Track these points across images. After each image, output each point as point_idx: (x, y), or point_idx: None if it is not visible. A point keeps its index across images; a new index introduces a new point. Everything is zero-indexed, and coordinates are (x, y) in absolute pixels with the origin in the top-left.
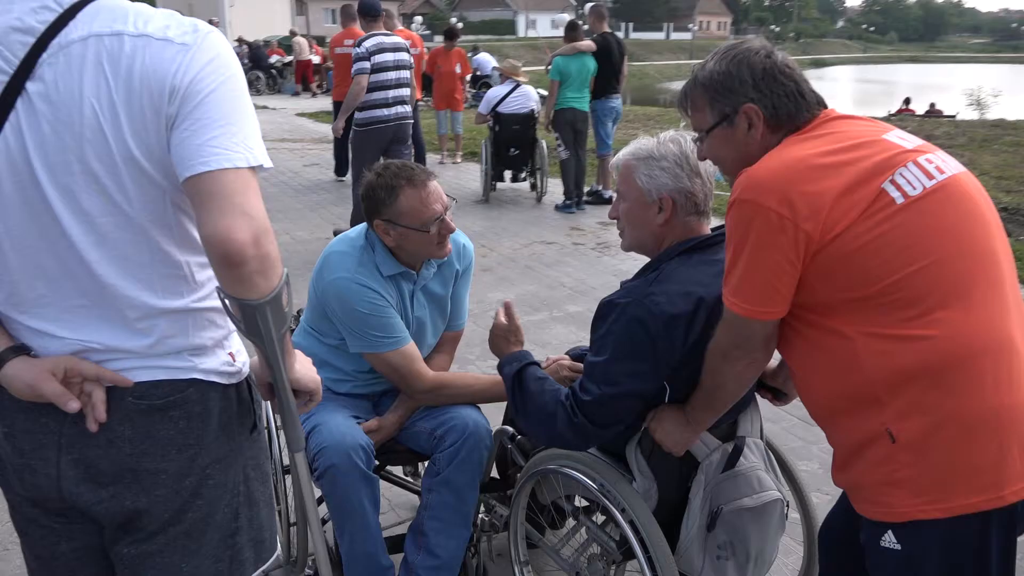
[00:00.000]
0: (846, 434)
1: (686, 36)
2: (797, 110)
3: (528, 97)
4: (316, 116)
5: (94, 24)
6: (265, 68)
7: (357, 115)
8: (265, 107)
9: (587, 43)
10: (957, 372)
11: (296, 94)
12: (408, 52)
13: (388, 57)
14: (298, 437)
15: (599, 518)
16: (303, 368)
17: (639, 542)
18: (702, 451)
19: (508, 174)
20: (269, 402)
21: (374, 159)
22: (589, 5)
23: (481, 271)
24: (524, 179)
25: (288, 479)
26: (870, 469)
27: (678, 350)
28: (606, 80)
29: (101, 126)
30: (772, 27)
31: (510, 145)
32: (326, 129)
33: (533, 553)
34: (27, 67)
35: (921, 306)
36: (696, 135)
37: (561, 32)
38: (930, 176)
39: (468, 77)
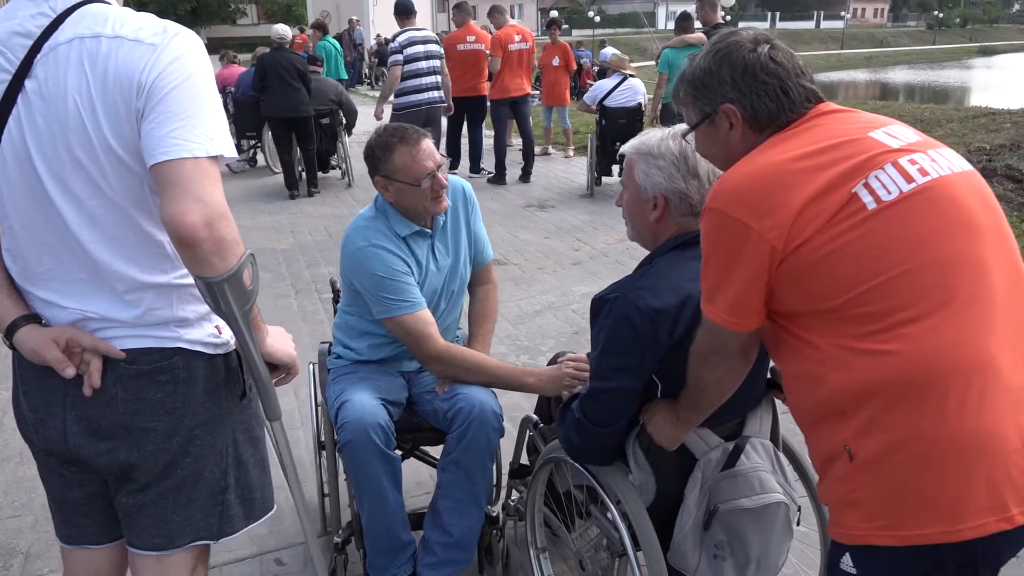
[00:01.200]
0: (816, 446)
1: (838, 25)
2: (779, 109)
3: (635, 91)
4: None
5: (79, 27)
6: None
7: (395, 101)
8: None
9: (697, 36)
10: (919, 392)
11: None
12: (438, 44)
13: (419, 49)
14: (273, 406)
15: (612, 511)
16: (276, 343)
17: (630, 535)
18: (700, 448)
19: (616, 168)
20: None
21: None
22: None
23: (571, 264)
24: None
25: (324, 454)
26: (832, 486)
27: (663, 344)
28: None
29: (82, 118)
30: (935, 12)
31: (616, 139)
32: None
33: (557, 542)
34: (25, 67)
35: (888, 319)
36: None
37: (699, 24)
38: (909, 179)
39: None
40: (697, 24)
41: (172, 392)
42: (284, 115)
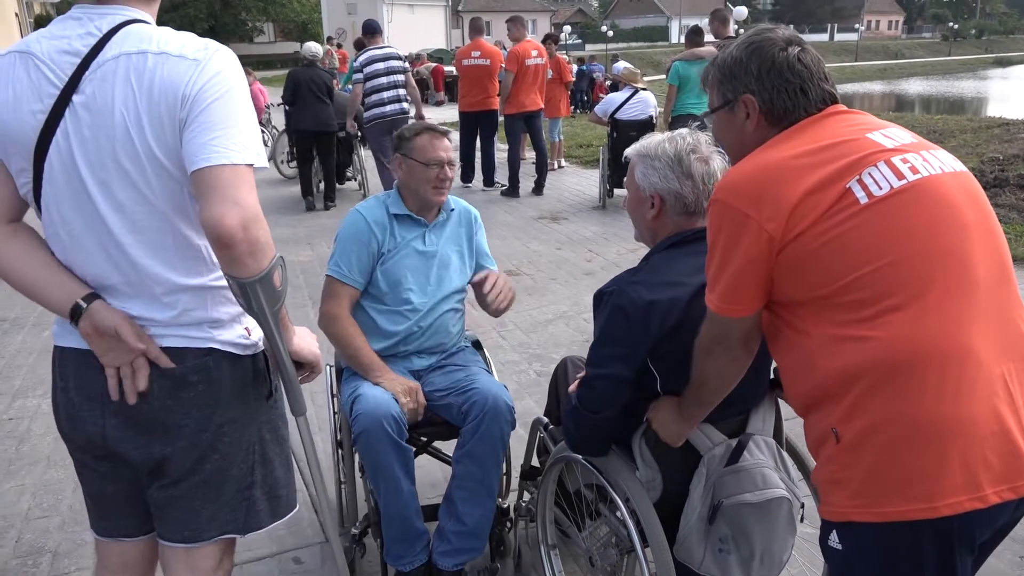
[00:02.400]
0: (810, 431)
1: (852, 37)
2: (795, 107)
3: (647, 104)
4: (450, 126)
5: (124, 45)
6: None
7: (365, 115)
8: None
9: (707, 49)
10: (899, 376)
11: (439, 103)
12: (400, 60)
13: (379, 66)
14: (299, 402)
15: (622, 508)
16: (302, 342)
17: (639, 532)
18: (704, 444)
19: None
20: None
21: (383, 147)
22: (713, 10)
23: (583, 275)
24: None
25: (340, 450)
26: (821, 467)
27: (655, 334)
28: None
29: (128, 129)
30: (951, 24)
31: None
32: (455, 136)
33: (567, 540)
34: (73, 83)
35: (874, 307)
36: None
37: (710, 37)
38: (900, 176)
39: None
40: (709, 37)
41: (204, 390)
42: (312, 129)
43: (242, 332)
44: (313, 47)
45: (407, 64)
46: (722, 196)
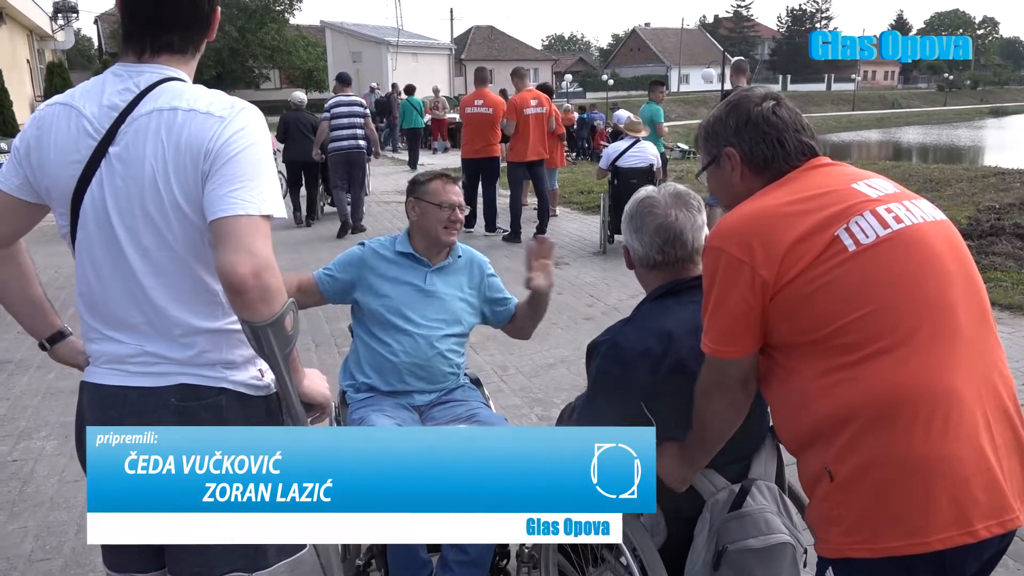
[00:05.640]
0: (804, 471)
1: (849, 87)
2: (774, 157)
3: (647, 152)
4: (454, 172)
5: (158, 101)
6: (387, 120)
7: (329, 147)
8: (406, 165)
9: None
10: (889, 417)
11: (441, 151)
12: (362, 107)
13: (343, 110)
14: None
15: (626, 554)
16: (313, 384)
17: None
18: (708, 490)
19: None
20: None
21: (340, 175)
22: (734, 59)
23: (584, 320)
24: None
25: None
26: (815, 505)
27: (646, 382)
28: None
29: (156, 180)
30: (946, 74)
31: (628, 199)
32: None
33: None
34: (111, 135)
35: (863, 350)
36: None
37: (711, 86)
38: (885, 225)
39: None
40: (715, 84)
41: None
42: (299, 159)
43: (255, 374)
44: (299, 96)
45: (367, 110)
46: (716, 243)
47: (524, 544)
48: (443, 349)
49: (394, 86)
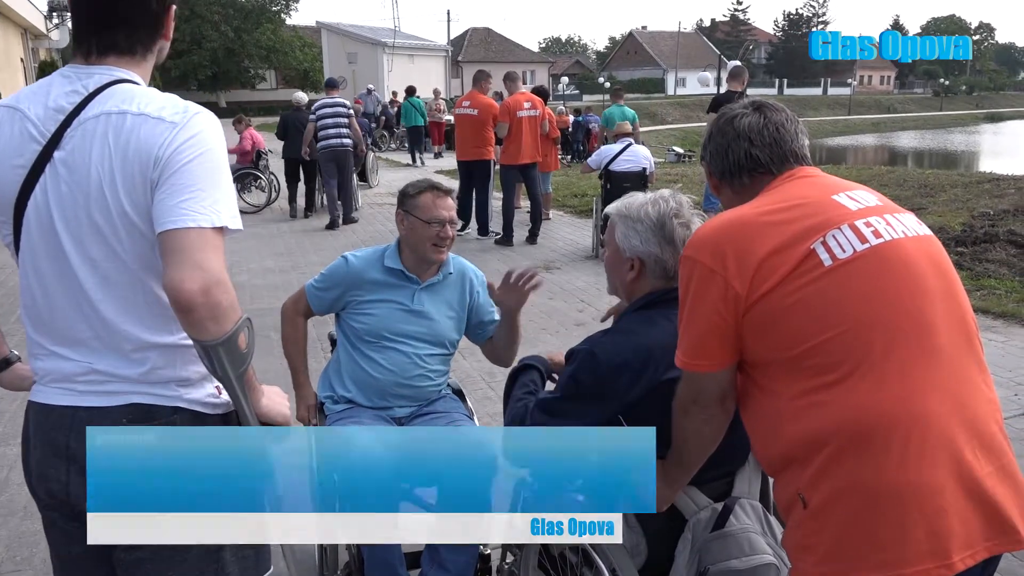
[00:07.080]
0: (779, 494)
1: (845, 91)
2: (739, 169)
3: (640, 156)
4: (451, 173)
5: (107, 104)
6: (391, 128)
7: (318, 146)
8: (409, 165)
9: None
10: (862, 443)
11: (433, 156)
12: (346, 108)
13: (327, 111)
14: None
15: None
16: (271, 403)
17: None
18: (690, 508)
19: None
20: None
21: (330, 171)
22: (731, 64)
23: (574, 325)
24: None
25: None
26: (790, 532)
27: (623, 397)
28: None
29: (102, 187)
30: (942, 80)
31: None
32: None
33: None
34: (56, 139)
35: (836, 372)
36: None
37: (707, 89)
38: (863, 240)
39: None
40: (711, 88)
41: None
42: (296, 156)
43: (211, 391)
44: (300, 96)
45: (351, 111)
46: (690, 252)
47: (505, 560)
48: (427, 369)
49: (394, 93)
